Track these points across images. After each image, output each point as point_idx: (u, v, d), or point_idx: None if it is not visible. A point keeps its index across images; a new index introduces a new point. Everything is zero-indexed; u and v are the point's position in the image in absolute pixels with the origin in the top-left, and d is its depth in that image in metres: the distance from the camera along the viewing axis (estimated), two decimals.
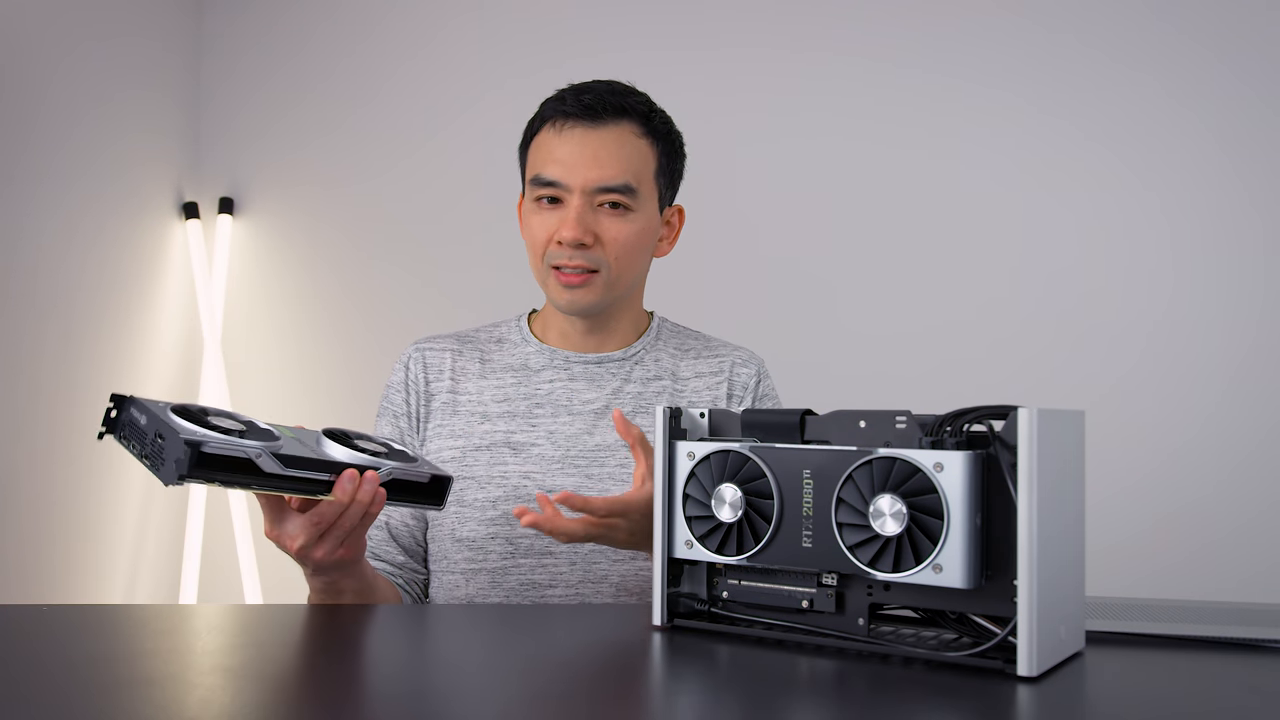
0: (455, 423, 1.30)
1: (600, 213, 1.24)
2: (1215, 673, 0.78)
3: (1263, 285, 2.15)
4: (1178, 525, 2.16)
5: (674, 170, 1.33)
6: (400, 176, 2.55)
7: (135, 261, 2.41)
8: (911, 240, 2.32)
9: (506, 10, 2.52)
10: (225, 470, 0.88)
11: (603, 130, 1.25)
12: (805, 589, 0.82)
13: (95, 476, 2.27)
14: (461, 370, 1.33)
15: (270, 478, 0.91)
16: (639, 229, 1.26)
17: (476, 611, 1.08)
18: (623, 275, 1.27)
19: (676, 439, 0.88)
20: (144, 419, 0.88)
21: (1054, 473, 0.74)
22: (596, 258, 1.24)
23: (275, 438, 0.93)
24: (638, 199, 1.26)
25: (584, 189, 1.23)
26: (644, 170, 1.27)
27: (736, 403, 1.33)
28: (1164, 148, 2.21)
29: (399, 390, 1.33)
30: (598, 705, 0.70)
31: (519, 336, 1.36)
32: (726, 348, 1.37)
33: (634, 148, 1.26)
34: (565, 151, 1.25)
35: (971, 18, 2.30)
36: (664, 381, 1.32)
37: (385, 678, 0.76)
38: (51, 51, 2.16)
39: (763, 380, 1.35)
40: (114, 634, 0.88)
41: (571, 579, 1.22)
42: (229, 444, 0.88)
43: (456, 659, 0.85)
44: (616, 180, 1.24)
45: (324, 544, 1.00)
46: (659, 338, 1.37)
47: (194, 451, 0.85)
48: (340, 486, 0.96)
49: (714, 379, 1.33)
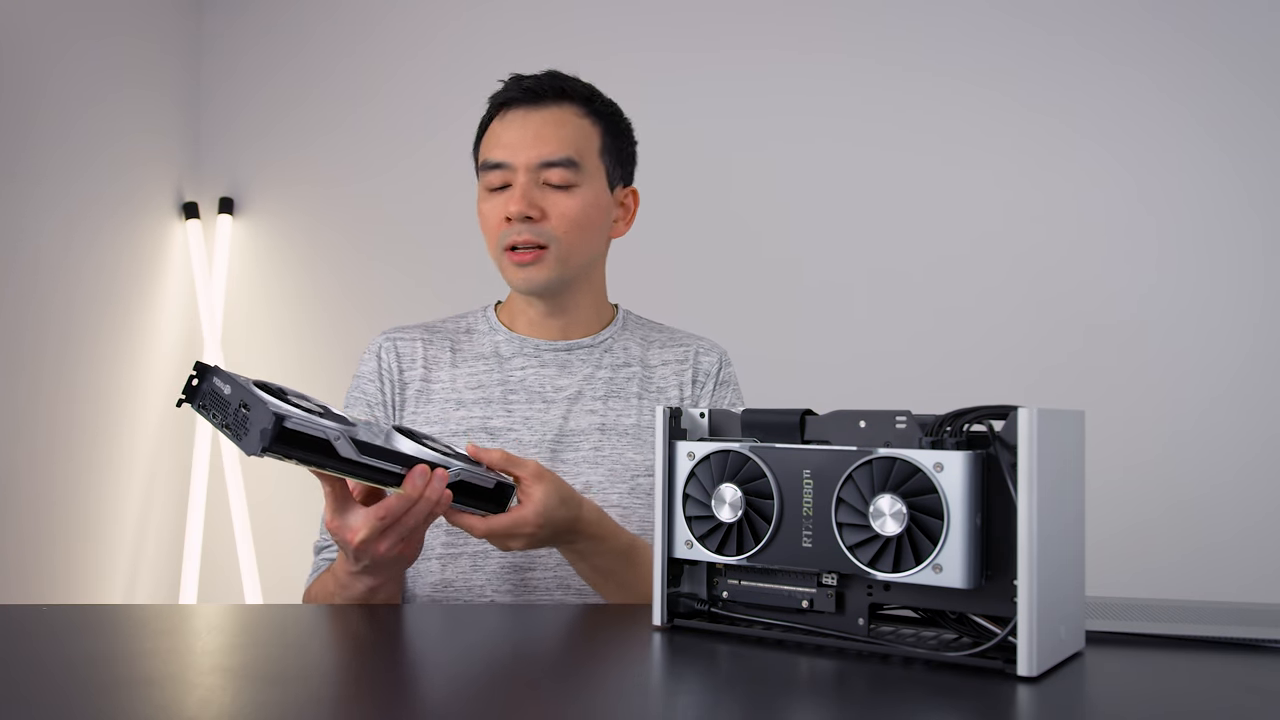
0: (430, 410, 1.30)
1: (546, 190, 1.27)
2: (1215, 673, 0.78)
3: (1262, 285, 2.15)
4: (1177, 525, 2.16)
5: (620, 150, 1.35)
6: (400, 176, 2.55)
7: (135, 261, 2.41)
8: (911, 240, 2.32)
9: (507, 10, 2.52)
10: (303, 449, 0.88)
11: (544, 110, 1.29)
12: (805, 589, 0.82)
13: (95, 476, 2.27)
14: (433, 359, 1.34)
15: (345, 462, 0.91)
16: (586, 204, 1.28)
17: (476, 611, 1.08)
18: (574, 250, 1.28)
19: (676, 439, 0.88)
20: (228, 389, 0.89)
21: (1054, 473, 0.74)
22: (545, 231, 1.26)
23: (351, 424, 0.94)
24: (582, 174, 1.28)
25: (527, 166, 1.26)
26: (587, 147, 1.29)
27: (699, 388, 1.35)
28: (1163, 148, 2.21)
29: (372, 380, 1.33)
30: (598, 705, 0.70)
31: (487, 325, 1.37)
32: (690, 338, 1.40)
33: (575, 126, 1.29)
34: (508, 134, 1.28)
35: (969, 19, 2.30)
36: (633, 368, 1.35)
37: (384, 677, 0.76)
38: (51, 51, 2.16)
39: (724, 368, 1.38)
40: (114, 634, 0.88)
41: (550, 561, 1.22)
42: (311, 423, 0.88)
43: (456, 658, 0.85)
44: (558, 155, 1.26)
45: (386, 539, 0.98)
46: (625, 327, 1.39)
47: (279, 425, 0.85)
48: (410, 480, 0.95)
49: (679, 366, 1.36)
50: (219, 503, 2.54)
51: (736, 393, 1.39)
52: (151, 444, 2.44)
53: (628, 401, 1.31)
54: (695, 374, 1.36)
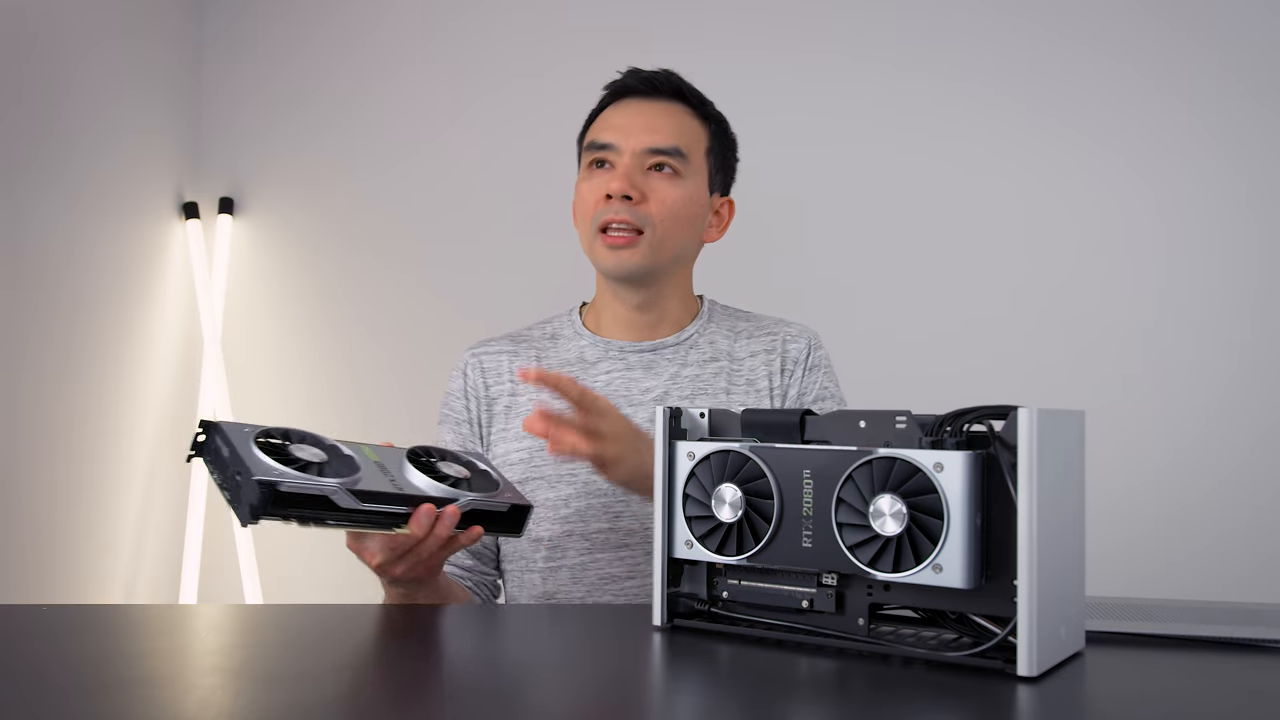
0: (518, 425, 1.30)
1: (650, 175, 1.26)
2: (1215, 673, 0.78)
3: (1261, 287, 2.15)
4: (1177, 525, 2.16)
5: (725, 156, 1.35)
6: (400, 176, 2.55)
7: (135, 261, 2.41)
8: (911, 241, 2.32)
9: (507, 10, 2.52)
10: (301, 507, 0.88)
11: (658, 103, 1.29)
12: (805, 589, 0.82)
13: (95, 476, 2.27)
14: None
15: (347, 512, 0.90)
16: (687, 195, 1.27)
17: (477, 612, 1.08)
18: (668, 239, 1.27)
19: (676, 439, 0.88)
20: (227, 451, 0.88)
21: (1054, 473, 0.74)
22: (643, 215, 1.24)
23: (355, 468, 0.92)
24: (688, 165, 1.27)
25: (634, 150, 1.26)
26: (695, 143, 1.29)
27: (788, 376, 1.32)
28: (1164, 149, 2.21)
29: (459, 397, 1.33)
30: (598, 705, 0.70)
31: (572, 330, 1.36)
32: (778, 324, 1.37)
33: (686, 122, 1.29)
34: (620, 119, 1.28)
35: (977, 21, 2.30)
36: (720, 363, 1.32)
37: (385, 678, 0.76)
38: (51, 52, 2.16)
39: (814, 351, 1.34)
40: (114, 634, 0.88)
41: (648, 569, 1.22)
42: (305, 483, 0.87)
43: (456, 659, 0.85)
44: (667, 143, 1.26)
45: (402, 563, 1.00)
46: (711, 320, 1.36)
47: (268, 494, 0.85)
48: (416, 521, 0.95)
49: (767, 356, 1.33)
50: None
51: (829, 375, 1.35)
52: (151, 444, 2.44)
53: (715, 398, 1.29)
54: (784, 362, 1.33)
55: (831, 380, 1.35)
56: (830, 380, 1.34)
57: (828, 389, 1.33)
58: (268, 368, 2.58)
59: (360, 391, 2.50)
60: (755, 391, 1.30)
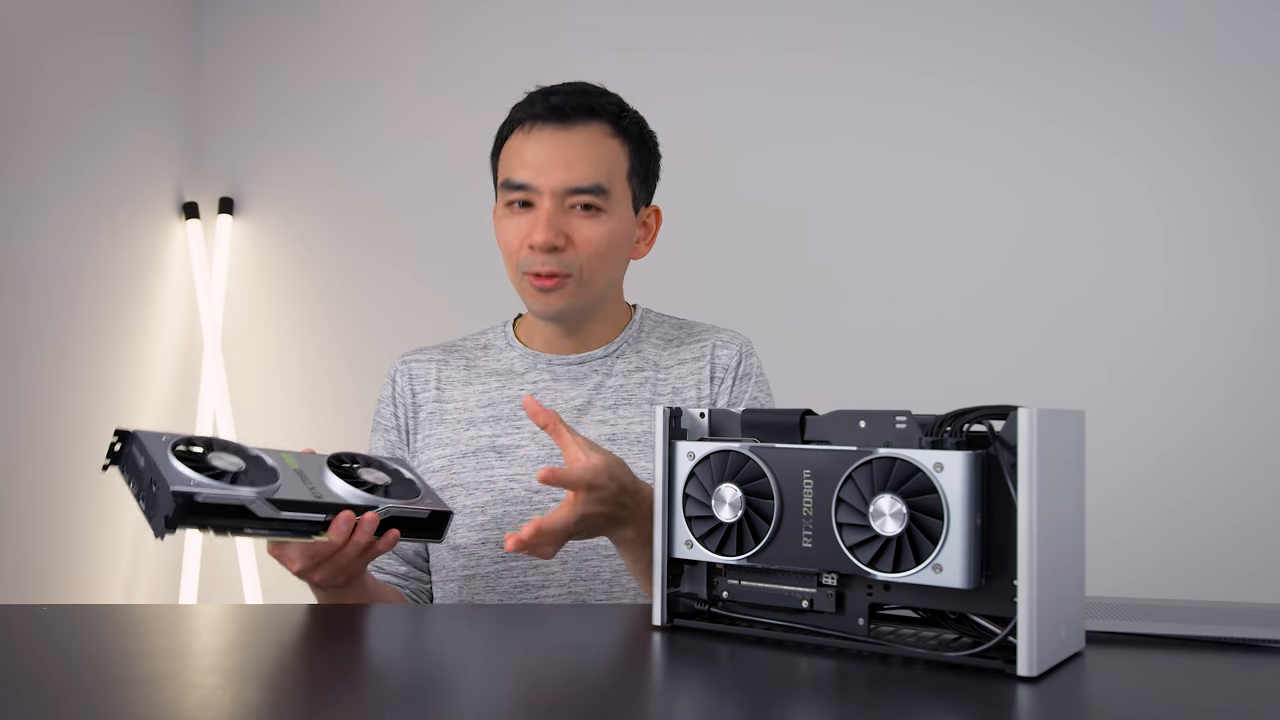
0: (442, 431, 1.30)
1: (572, 214, 1.22)
2: (1215, 673, 0.78)
3: (1263, 285, 2.15)
4: (1177, 525, 2.16)
5: (647, 170, 1.31)
6: (400, 176, 2.55)
7: (135, 261, 2.41)
8: (911, 241, 2.32)
9: (506, 10, 2.52)
10: (217, 516, 0.88)
11: (572, 131, 1.23)
12: (805, 589, 0.82)
13: (95, 476, 2.27)
14: (447, 379, 1.33)
15: (264, 521, 0.91)
16: (611, 230, 1.24)
17: (476, 612, 1.08)
18: (595, 278, 1.24)
19: (676, 439, 0.88)
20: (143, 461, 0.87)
21: (1054, 473, 0.74)
22: (568, 260, 1.22)
23: (274, 477, 0.93)
24: (610, 200, 1.23)
25: (554, 191, 1.21)
26: (615, 171, 1.24)
27: (718, 385, 1.30)
28: (1163, 146, 2.21)
29: (387, 404, 1.34)
30: (598, 705, 0.70)
31: (504, 342, 1.35)
32: (709, 332, 1.34)
33: (605, 148, 1.24)
34: (535, 154, 1.22)
35: (967, 18, 2.30)
36: (646, 372, 1.30)
37: (385, 678, 0.76)
38: (51, 51, 2.16)
39: (745, 360, 1.31)
40: (114, 634, 0.88)
41: (564, 578, 1.22)
42: (220, 493, 0.87)
43: (456, 659, 0.85)
44: (587, 181, 1.21)
45: (321, 570, 1.02)
46: (641, 330, 1.35)
47: (185, 502, 0.85)
48: (335, 528, 0.96)
49: (695, 364, 1.31)
50: None
51: (760, 385, 1.32)
52: None
53: (639, 408, 1.28)
54: (713, 370, 1.30)
55: (763, 389, 1.32)
56: (761, 389, 1.31)
57: (757, 399, 1.30)
58: (268, 368, 2.58)
59: (360, 391, 2.50)
60: (682, 400, 1.28)
